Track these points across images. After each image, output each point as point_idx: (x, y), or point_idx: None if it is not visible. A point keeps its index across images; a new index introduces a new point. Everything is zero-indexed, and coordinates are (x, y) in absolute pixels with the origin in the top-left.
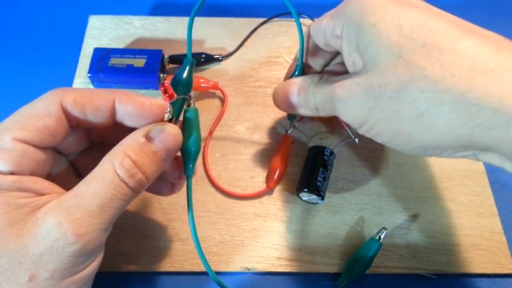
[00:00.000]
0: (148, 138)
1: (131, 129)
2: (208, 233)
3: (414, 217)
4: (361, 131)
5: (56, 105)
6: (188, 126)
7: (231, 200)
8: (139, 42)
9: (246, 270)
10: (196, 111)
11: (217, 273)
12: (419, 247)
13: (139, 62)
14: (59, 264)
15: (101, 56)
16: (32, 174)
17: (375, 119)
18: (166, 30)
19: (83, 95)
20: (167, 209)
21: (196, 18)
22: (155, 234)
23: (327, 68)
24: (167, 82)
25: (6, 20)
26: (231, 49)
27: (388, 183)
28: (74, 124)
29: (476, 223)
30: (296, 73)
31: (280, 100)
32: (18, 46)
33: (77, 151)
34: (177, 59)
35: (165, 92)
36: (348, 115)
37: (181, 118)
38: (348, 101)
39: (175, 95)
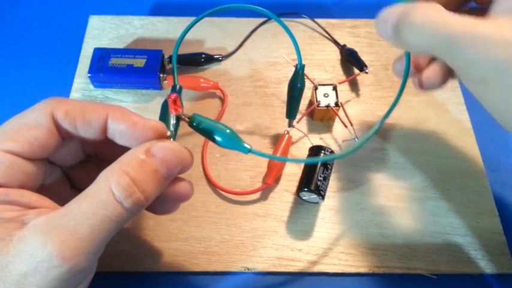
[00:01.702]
0: (149, 154)
1: (124, 147)
2: (208, 233)
3: (414, 217)
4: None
5: (47, 116)
6: (207, 126)
7: (231, 200)
8: (139, 42)
9: (246, 270)
10: (196, 115)
11: (218, 273)
12: (420, 247)
13: (140, 62)
14: (42, 286)
15: (101, 56)
16: (21, 186)
17: None
18: (166, 30)
19: (76, 108)
20: None
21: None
22: (155, 234)
23: None
24: (174, 95)
25: (6, 20)
26: (231, 49)
27: (388, 183)
28: (65, 136)
29: (476, 223)
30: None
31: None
32: (18, 46)
33: (71, 163)
34: (177, 59)
35: (174, 102)
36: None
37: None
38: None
39: (181, 109)
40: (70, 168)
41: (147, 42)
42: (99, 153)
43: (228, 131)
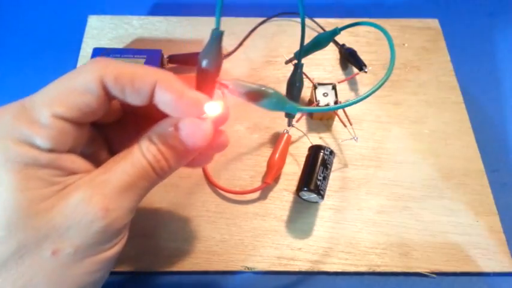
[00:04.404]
0: (176, 128)
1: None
2: (208, 233)
3: (414, 216)
4: None
5: (97, 82)
6: (250, 89)
7: (230, 199)
8: (138, 42)
9: (246, 270)
10: (235, 82)
11: (218, 272)
12: (419, 246)
13: (139, 61)
14: (84, 239)
15: (100, 55)
16: (69, 151)
17: None
18: (165, 30)
19: (125, 73)
20: (167, 208)
21: (195, 18)
22: (155, 234)
23: None
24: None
25: (6, 20)
26: (230, 49)
27: (388, 182)
28: (112, 100)
29: (475, 222)
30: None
31: None
32: (18, 46)
33: (110, 122)
34: (177, 59)
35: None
36: None
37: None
38: None
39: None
40: (108, 128)
41: (146, 42)
42: (139, 113)
43: (272, 91)
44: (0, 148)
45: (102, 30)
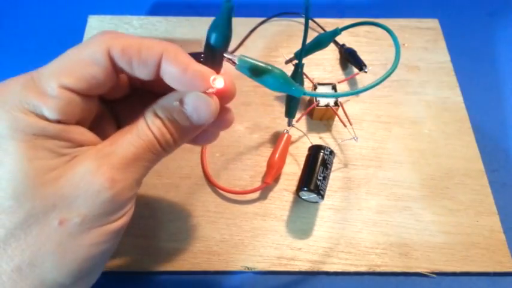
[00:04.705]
0: (181, 102)
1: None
2: (208, 233)
3: (414, 216)
4: None
5: (104, 53)
6: (256, 67)
7: (230, 199)
8: None
9: (246, 270)
10: (243, 56)
11: (217, 272)
12: (419, 246)
13: None
14: (91, 209)
15: None
16: (78, 123)
17: None
18: (165, 30)
19: (132, 45)
20: (167, 208)
21: (196, 18)
22: (155, 234)
23: None
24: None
25: (5, 20)
26: (230, 49)
27: (387, 182)
28: (120, 73)
29: (475, 222)
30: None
31: None
32: (18, 46)
33: (117, 97)
34: None
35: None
36: None
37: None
38: None
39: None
40: (116, 103)
41: None
42: (145, 86)
43: (279, 71)
44: (9, 118)
45: (102, 30)
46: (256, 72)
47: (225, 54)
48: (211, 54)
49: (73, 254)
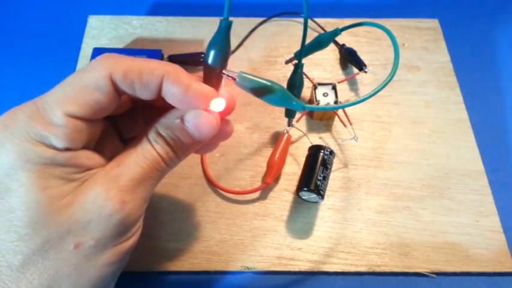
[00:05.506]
0: (182, 120)
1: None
2: (208, 233)
3: (414, 216)
4: None
5: (107, 79)
6: (255, 84)
7: (230, 199)
8: (138, 42)
9: (246, 270)
10: (243, 73)
11: (217, 272)
12: (419, 246)
13: None
14: (104, 232)
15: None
16: (84, 147)
17: None
18: (165, 30)
19: (133, 69)
20: (167, 208)
21: (196, 18)
22: (155, 234)
23: None
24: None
25: (5, 20)
26: (230, 48)
27: (387, 182)
28: (122, 94)
29: (475, 222)
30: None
31: None
32: (18, 46)
33: (120, 113)
34: (176, 59)
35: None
36: None
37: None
38: None
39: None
40: (118, 118)
41: (146, 42)
42: (147, 103)
43: (278, 87)
44: (19, 150)
45: (102, 30)
46: (256, 89)
47: (224, 71)
48: (211, 71)
49: (88, 275)
